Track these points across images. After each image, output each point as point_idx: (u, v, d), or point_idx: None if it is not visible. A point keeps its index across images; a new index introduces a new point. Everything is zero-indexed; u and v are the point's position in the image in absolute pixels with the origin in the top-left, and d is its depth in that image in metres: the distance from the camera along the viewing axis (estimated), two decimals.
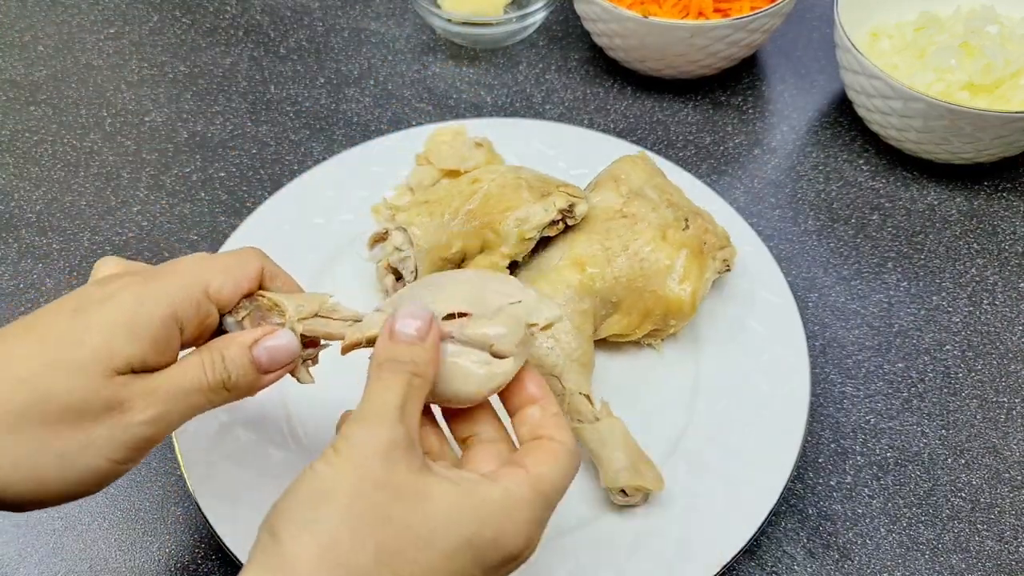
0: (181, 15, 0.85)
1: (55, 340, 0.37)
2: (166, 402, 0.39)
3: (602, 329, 0.57)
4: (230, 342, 0.41)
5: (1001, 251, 0.68)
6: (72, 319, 0.38)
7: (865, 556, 0.53)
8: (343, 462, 0.35)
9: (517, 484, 0.36)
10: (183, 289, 0.40)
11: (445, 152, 0.65)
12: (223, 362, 0.40)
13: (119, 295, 0.38)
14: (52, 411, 0.36)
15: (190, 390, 0.40)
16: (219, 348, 0.41)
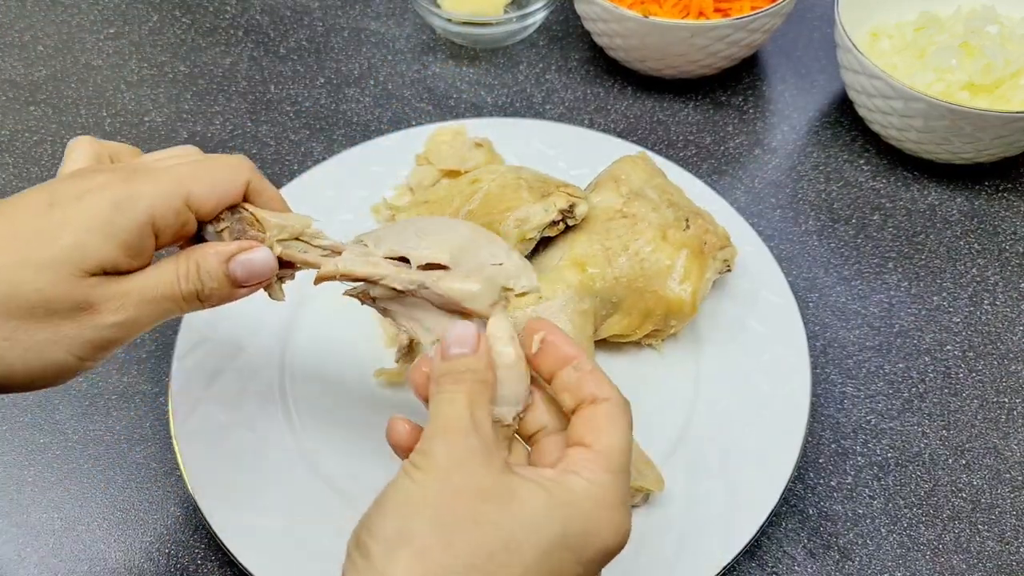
0: (181, 15, 0.85)
1: (28, 236, 0.37)
2: (137, 307, 0.39)
3: (602, 329, 0.57)
4: (207, 253, 0.40)
5: (1002, 251, 0.68)
6: (46, 214, 0.37)
7: (866, 556, 0.53)
8: (425, 474, 0.34)
9: (592, 471, 0.36)
10: (163, 196, 0.39)
11: (445, 152, 0.65)
12: (197, 272, 0.40)
13: (96, 195, 0.38)
14: (22, 306, 0.36)
15: (162, 297, 0.39)
16: (195, 258, 0.40)
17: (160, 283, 0.39)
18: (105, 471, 0.56)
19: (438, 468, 0.34)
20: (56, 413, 0.59)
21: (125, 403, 0.59)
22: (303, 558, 0.50)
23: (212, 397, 0.56)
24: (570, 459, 0.36)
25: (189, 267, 0.40)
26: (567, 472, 0.36)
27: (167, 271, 0.39)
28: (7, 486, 0.56)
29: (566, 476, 0.35)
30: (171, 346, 0.58)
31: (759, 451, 0.54)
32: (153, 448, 0.57)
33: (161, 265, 0.40)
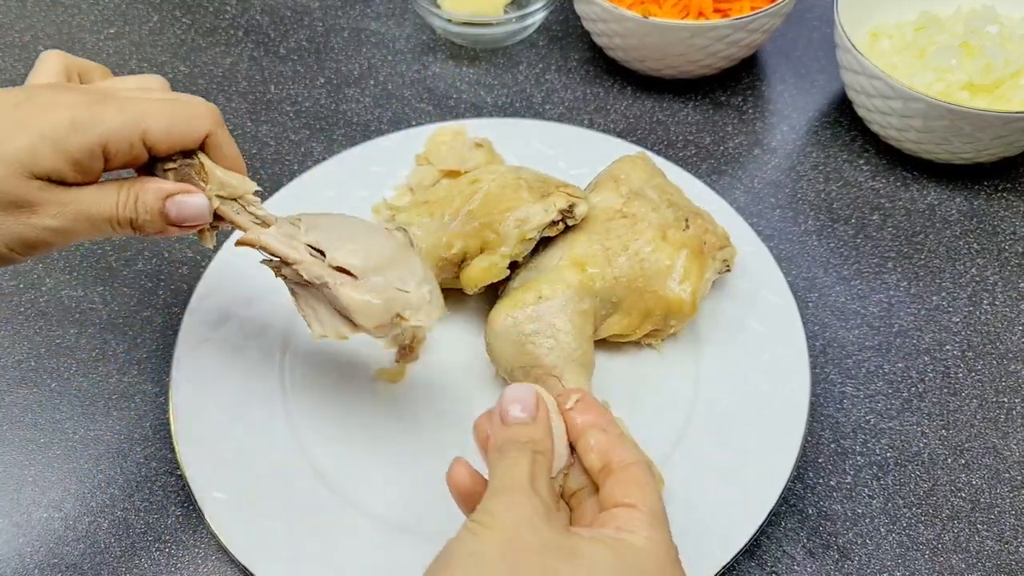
0: (181, 15, 0.85)
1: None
2: (74, 220, 0.41)
3: (602, 329, 0.57)
4: (148, 187, 0.43)
5: (1001, 251, 0.68)
6: (11, 113, 0.40)
7: (865, 556, 0.53)
8: (491, 532, 0.35)
9: (648, 529, 0.37)
10: (120, 127, 0.41)
11: (445, 152, 0.65)
12: (135, 203, 0.43)
13: (60, 110, 0.40)
14: None
15: (99, 217, 0.42)
16: (136, 189, 0.43)
17: (100, 204, 0.42)
18: (106, 471, 0.56)
19: (503, 526, 0.35)
20: (56, 413, 0.59)
21: (126, 403, 0.59)
22: (303, 558, 0.50)
23: (212, 397, 0.56)
24: (621, 519, 0.38)
25: (129, 196, 0.42)
26: (624, 531, 0.37)
27: (109, 194, 0.42)
28: (7, 486, 0.56)
29: (625, 535, 0.37)
30: (172, 346, 0.58)
31: (759, 451, 0.54)
32: (154, 448, 0.57)
33: (105, 187, 0.42)
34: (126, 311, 0.64)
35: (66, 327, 0.63)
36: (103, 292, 0.65)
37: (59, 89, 0.42)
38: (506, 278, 0.57)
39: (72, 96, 0.41)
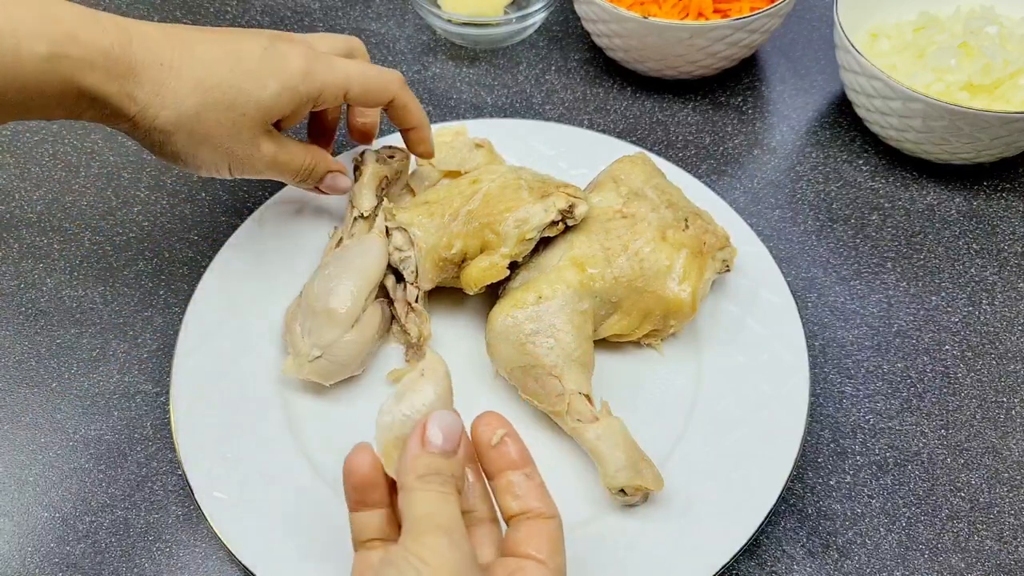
0: (182, 16, 0.85)
1: (249, 69, 0.50)
2: (275, 163, 0.55)
3: (602, 329, 0.57)
4: (326, 161, 0.58)
5: (1000, 251, 0.68)
6: (260, 61, 0.51)
7: (864, 556, 0.53)
8: (433, 573, 0.35)
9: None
10: (332, 83, 0.53)
11: (445, 153, 0.65)
12: (311, 168, 0.57)
13: (294, 62, 0.52)
14: (224, 115, 0.50)
15: (289, 166, 0.56)
16: (317, 157, 0.57)
17: (296, 158, 0.56)
18: (106, 471, 0.56)
19: (446, 567, 0.35)
20: (57, 412, 0.59)
21: (126, 403, 0.59)
22: (303, 558, 0.50)
23: (213, 397, 0.56)
24: (530, 572, 0.39)
25: (311, 162, 0.57)
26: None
27: (302, 153, 0.56)
28: (8, 485, 0.56)
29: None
30: (172, 346, 0.58)
31: (758, 450, 0.54)
32: (154, 448, 0.57)
33: (301, 146, 0.56)
34: (126, 311, 0.64)
35: (66, 327, 0.63)
36: (103, 292, 0.65)
37: (293, 43, 0.53)
38: (506, 278, 0.57)
39: (300, 49, 0.52)
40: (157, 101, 0.48)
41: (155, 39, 0.48)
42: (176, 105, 0.48)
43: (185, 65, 0.48)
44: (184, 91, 0.48)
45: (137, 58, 0.47)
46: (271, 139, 0.53)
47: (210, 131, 0.50)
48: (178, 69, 0.48)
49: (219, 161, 0.52)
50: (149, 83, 0.48)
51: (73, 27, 0.45)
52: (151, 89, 0.48)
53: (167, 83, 0.48)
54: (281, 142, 0.54)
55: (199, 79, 0.49)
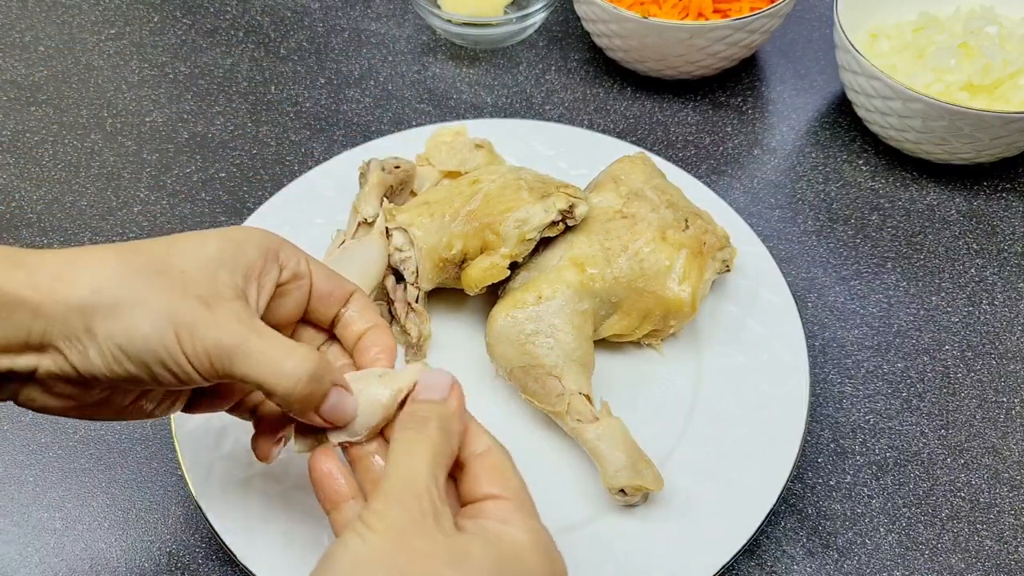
0: (182, 16, 0.85)
1: (228, 264, 0.39)
2: (247, 351, 0.38)
3: (602, 329, 0.57)
4: (331, 370, 0.40)
5: (1000, 251, 0.68)
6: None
7: (864, 556, 0.53)
8: (378, 536, 0.34)
9: (522, 519, 0.37)
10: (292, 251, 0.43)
11: (445, 153, 0.65)
12: (313, 374, 0.39)
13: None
14: (157, 277, 0.37)
15: (272, 363, 0.38)
16: (323, 363, 0.39)
17: (280, 349, 0.39)
18: (106, 470, 0.56)
19: (392, 529, 0.34)
20: None
21: None
22: (303, 558, 0.50)
23: None
24: (493, 511, 0.37)
25: (312, 366, 0.39)
26: (502, 523, 0.37)
27: (294, 350, 0.39)
28: (8, 485, 0.56)
29: (503, 528, 0.36)
30: None
31: (758, 450, 0.54)
32: (154, 448, 0.57)
33: (290, 342, 0.39)
34: None
35: None
36: None
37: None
38: (506, 278, 0.57)
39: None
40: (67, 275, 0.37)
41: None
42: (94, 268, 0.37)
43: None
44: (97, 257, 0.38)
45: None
46: (244, 312, 0.38)
47: (144, 290, 0.37)
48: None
49: (164, 333, 0.36)
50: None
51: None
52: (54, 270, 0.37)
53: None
54: (261, 325, 0.39)
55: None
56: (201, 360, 0.37)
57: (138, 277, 0.37)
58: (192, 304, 0.37)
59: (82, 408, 0.40)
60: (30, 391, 0.38)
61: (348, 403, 0.40)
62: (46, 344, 0.37)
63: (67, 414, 0.40)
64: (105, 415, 0.41)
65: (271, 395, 0.38)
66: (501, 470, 0.38)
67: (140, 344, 0.36)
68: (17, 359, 0.37)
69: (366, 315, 0.45)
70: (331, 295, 0.44)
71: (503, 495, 0.38)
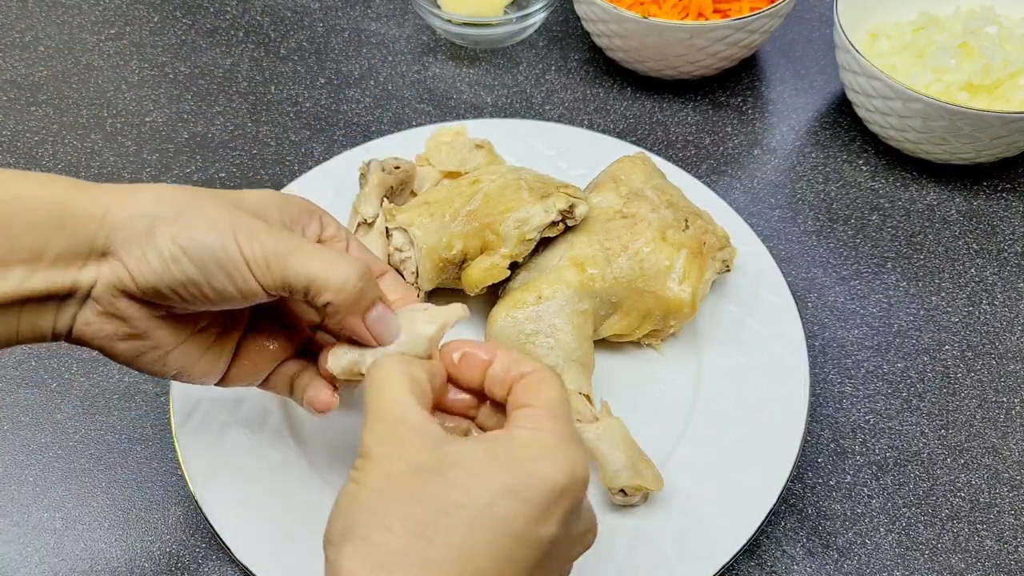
0: (182, 16, 0.85)
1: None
2: (309, 250, 0.40)
3: (602, 329, 0.57)
4: (375, 283, 0.42)
5: (1000, 251, 0.68)
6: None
7: (864, 556, 0.53)
8: (364, 474, 0.35)
9: (535, 421, 0.36)
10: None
11: (445, 153, 0.65)
12: (363, 280, 0.41)
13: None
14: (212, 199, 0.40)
15: (328, 263, 0.40)
16: (368, 274, 0.41)
17: (333, 255, 0.41)
18: (106, 470, 0.56)
19: (374, 463, 0.35)
20: (57, 412, 0.59)
21: (126, 402, 0.59)
22: (303, 558, 0.50)
23: (213, 397, 0.56)
24: (512, 420, 0.37)
25: (362, 270, 0.40)
26: (510, 428, 0.37)
27: (344, 258, 0.41)
28: (8, 485, 0.56)
29: (510, 431, 0.36)
30: None
31: (758, 450, 0.54)
32: (154, 447, 0.57)
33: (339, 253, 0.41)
34: None
35: None
36: None
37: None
38: (506, 278, 0.57)
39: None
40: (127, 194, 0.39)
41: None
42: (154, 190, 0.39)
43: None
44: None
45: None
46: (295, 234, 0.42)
47: (204, 203, 0.39)
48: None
49: (224, 237, 0.38)
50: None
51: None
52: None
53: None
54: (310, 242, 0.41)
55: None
56: (259, 263, 0.38)
57: (199, 194, 0.39)
58: (249, 217, 0.39)
59: (132, 340, 0.40)
60: (87, 313, 0.39)
61: (391, 319, 0.42)
62: (108, 253, 0.38)
63: (117, 349, 0.40)
64: (149, 358, 0.41)
65: (323, 292, 0.39)
66: (536, 384, 0.38)
67: (201, 244, 0.37)
68: (82, 272, 0.38)
69: (400, 288, 0.46)
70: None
71: (532, 403, 0.37)
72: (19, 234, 0.36)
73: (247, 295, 0.39)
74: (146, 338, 0.40)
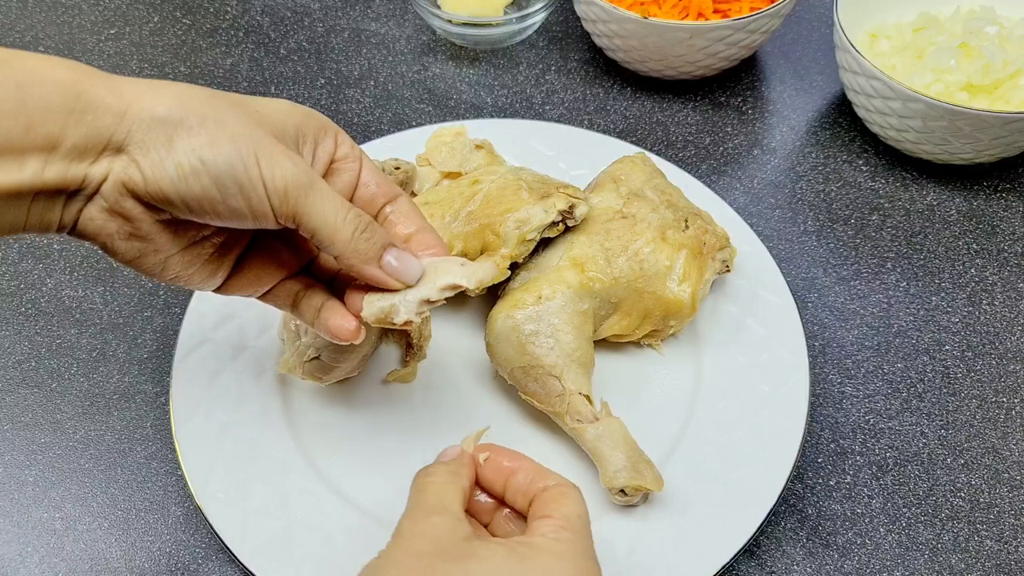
0: (181, 16, 0.85)
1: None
2: (317, 184, 0.39)
3: (602, 329, 0.57)
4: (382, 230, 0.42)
5: (1000, 251, 0.68)
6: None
7: (864, 556, 0.53)
8: (391, 549, 0.38)
9: (554, 530, 0.39)
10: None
11: (445, 154, 0.65)
12: (369, 222, 0.41)
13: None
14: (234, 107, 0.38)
15: (335, 203, 0.40)
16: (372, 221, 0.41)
17: (340, 199, 0.40)
18: (106, 471, 0.56)
19: (403, 541, 0.38)
20: (57, 413, 0.59)
21: (126, 403, 0.59)
22: (303, 558, 0.50)
23: (212, 397, 0.56)
24: (532, 527, 0.40)
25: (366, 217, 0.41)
26: (531, 535, 0.40)
27: (347, 203, 0.40)
28: (8, 485, 0.56)
29: (531, 538, 0.39)
30: (172, 346, 0.58)
31: (758, 450, 0.54)
32: (154, 448, 0.57)
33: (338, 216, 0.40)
34: (126, 311, 0.64)
35: (66, 327, 0.63)
36: (103, 292, 0.65)
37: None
38: (506, 279, 0.57)
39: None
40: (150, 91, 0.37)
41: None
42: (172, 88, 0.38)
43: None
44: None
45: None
46: (309, 165, 0.40)
47: (226, 114, 0.38)
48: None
49: (246, 155, 0.37)
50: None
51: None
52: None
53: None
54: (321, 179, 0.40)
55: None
56: (278, 188, 0.37)
57: (221, 103, 0.37)
58: (270, 137, 0.38)
59: (133, 240, 0.39)
60: (92, 209, 0.38)
61: (410, 261, 0.41)
62: (123, 149, 0.36)
63: (117, 247, 0.39)
64: (149, 261, 0.40)
65: (332, 243, 0.39)
66: (559, 497, 0.41)
67: (222, 160, 0.36)
68: (94, 166, 0.36)
69: (412, 217, 0.44)
70: (378, 187, 0.43)
71: (552, 515, 0.40)
72: (37, 118, 0.34)
73: (259, 217, 0.38)
74: (148, 240, 0.39)
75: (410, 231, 0.43)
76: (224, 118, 0.37)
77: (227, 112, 0.37)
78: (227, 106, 0.38)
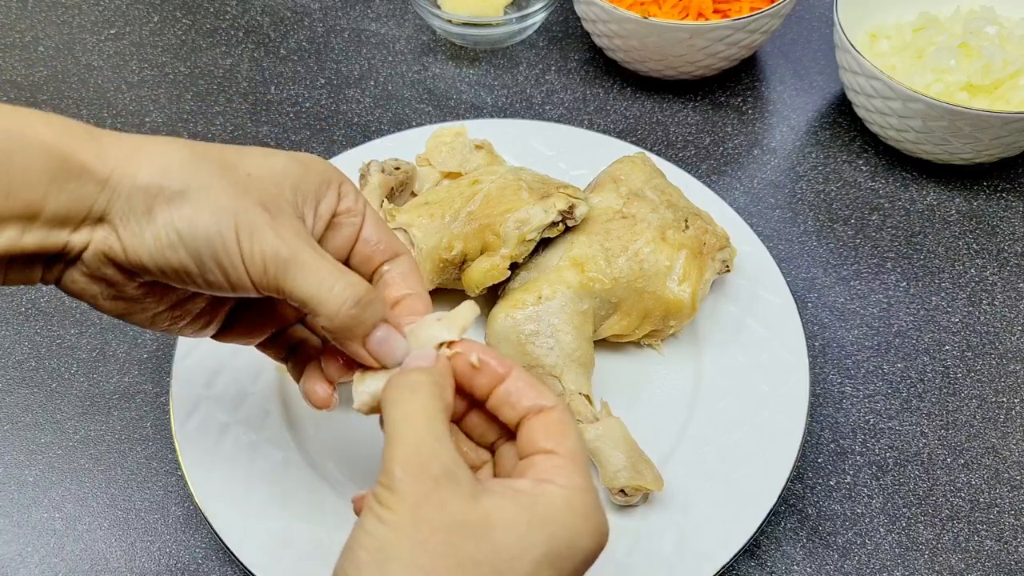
0: (181, 16, 0.85)
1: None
2: (304, 260, 0.38)
3: (602, 329, 0.57)
4: (381, 300, 0.40)
5: (1000, 251, 0.68)
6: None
7: (864, 556, 0.53)
8: (394, 514, 0.33)
9: (567, 476, 0.35)
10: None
11: (445, 154, 0.65)
12: (365, 297, 0.39)
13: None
14: (226, 172, 0.37)
15: (328, 276, 0.38)
16: (372, 292, 0.39)
17: (334, 267, 0.38)
18: (106, 471, 0.56)
19: (407, 505, 0.33)
20: (57, 413, 0.59)
21: (126, 403, 0.59)
22: (303, 558, 0.50)
23: (212, 397, 0.56)
24: (539, 468, 0.36)
25: (362, 290, 0.38)
26: (541, 482, 0.35)
27: (345, 273, 0.38)
28: (8, 485, 0.56)
29: (542, 487, 0.35)
30: (172, 346, 0.58)
31: (758, 451, 0.54)
32: (154, 448, 0.57)
33: (340, 266, 0.39)
34: None
35: (66, 327, 0.63)
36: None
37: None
38: (506, 279, 0.57)
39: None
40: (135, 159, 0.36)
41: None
42: (162, 152, 0.37)
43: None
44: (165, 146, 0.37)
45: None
46: (303, 230, 0.38)
47: (211, 181, 0.36)
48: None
49: (225, 229, 0.36)
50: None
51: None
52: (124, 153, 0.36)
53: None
54: (316, 245, 0.39)
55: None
56: (256, 264, 0.36)
57: (207, 168, 0.36)
58: (255, 208, 0.36)
59: (118, 301, 0.39)
60: (74, 272, 0.37)
61: (397, 342, 0.39)
62: (104, 219, 0.36)
63: (102, 306, 0.39)
64: (137, 318, 0.40)
65: (316, 315, 0.37)
66: (560, 426, 0.37)
67: (200, 234, 0.35)
68: (74, 235, 0.36)
69: (409, 280, 0.42)
70: (378, 243, 0.42)
71: (556, 451, 0.36)
72: (18, 184, 0.34)
73: (238, 289, 0.37)
74: (133, 301, 0.39)
75: (400, 295, 0.42)
76: (209, 186, 0.36)
77: (213, 179, 0.36)
78: (214, 171, 0.36)
